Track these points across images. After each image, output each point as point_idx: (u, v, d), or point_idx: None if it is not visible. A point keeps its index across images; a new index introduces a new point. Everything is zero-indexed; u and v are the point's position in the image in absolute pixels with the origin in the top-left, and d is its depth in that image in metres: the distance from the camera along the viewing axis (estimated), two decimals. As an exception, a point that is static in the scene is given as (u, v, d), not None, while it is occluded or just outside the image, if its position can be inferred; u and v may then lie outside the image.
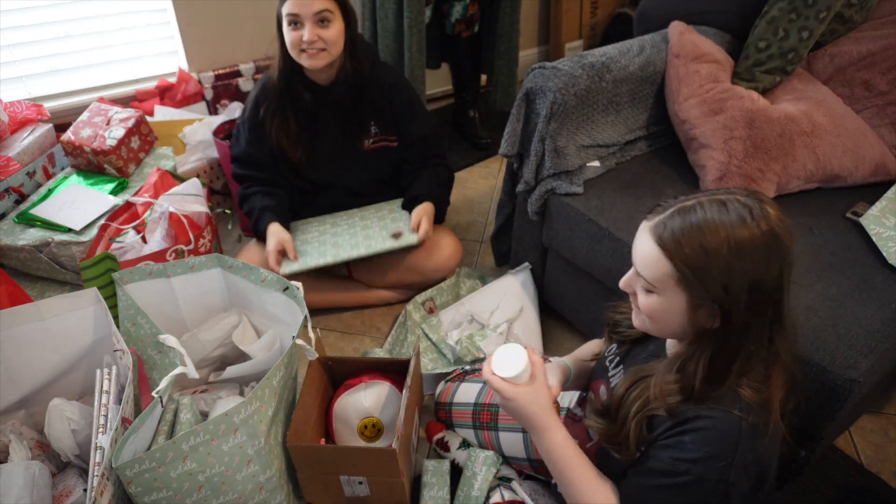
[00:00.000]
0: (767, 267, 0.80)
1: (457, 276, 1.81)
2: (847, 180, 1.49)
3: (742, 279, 0.79)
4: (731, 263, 0.79)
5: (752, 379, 0.84)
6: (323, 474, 1.23)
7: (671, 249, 0.82)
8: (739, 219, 0.80)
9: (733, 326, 0.82)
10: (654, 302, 0.87)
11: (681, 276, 0.82)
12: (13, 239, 1.68)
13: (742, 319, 0.81)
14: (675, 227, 0.82)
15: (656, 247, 0.84)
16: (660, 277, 0.84)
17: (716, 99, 1.50)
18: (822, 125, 1.48)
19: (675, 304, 0.85)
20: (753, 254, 0.79)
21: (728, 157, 1.44)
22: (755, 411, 0.82)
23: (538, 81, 1.48)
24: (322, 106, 1.65)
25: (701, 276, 0.81)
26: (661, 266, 0.83)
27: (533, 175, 1.54)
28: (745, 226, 0.79)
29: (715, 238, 0.80)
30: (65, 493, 1.18)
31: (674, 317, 0.86)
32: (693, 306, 0.83)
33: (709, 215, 0.81)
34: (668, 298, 0.85)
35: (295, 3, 1.48)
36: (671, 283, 0.83)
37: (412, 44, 2.12)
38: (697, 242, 0.80)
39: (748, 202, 0.82)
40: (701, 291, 0.81)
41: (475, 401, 1.32)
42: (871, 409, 1.50)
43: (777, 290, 0.81)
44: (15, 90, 2.01)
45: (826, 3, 1.50)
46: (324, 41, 1.51)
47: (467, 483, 1.24)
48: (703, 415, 0.83)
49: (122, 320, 1.30)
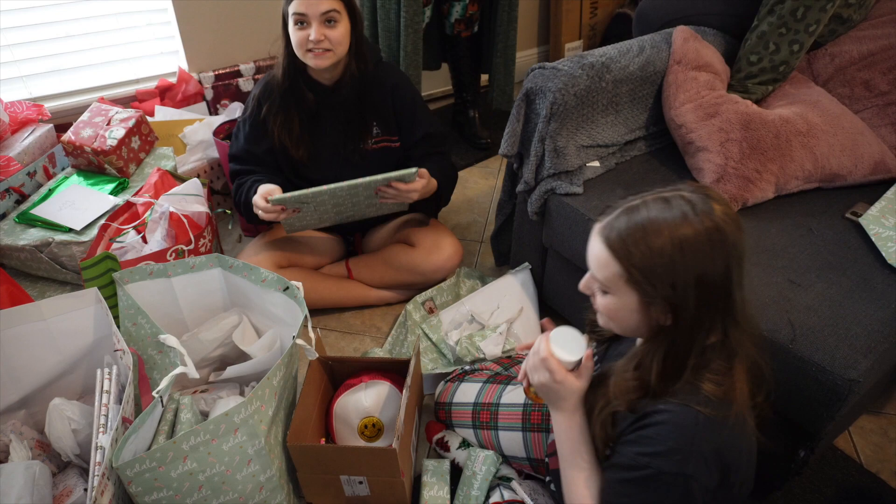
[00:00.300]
0: (713, 262, 0.81)
1: (457, 276, 1.81)
2: (847, 179, 1.49)
3: (687, 276, 0.81)
4: (675, 261, 0.81)
5: (713, 372, 0.85)
6: (323, 474, 1.23)
7: (618, 250, 0.84)
8: (682, 216, 0.81)
9: (684, 322, 0.83)
10: (609, 302, 0.89)
11: (629, 276, 0.84)
12: (14, 239, 1.68)
13: (692, 315, 0.83)
14: (621, 228, 0.84)
15: (605, 248, 0.86)
16: (611, 278, 0.86)
17: (711, 103, 1.50)
18: (818, 125, 1.48)
19: (628, 304, 0.86)
20: (697, 250, 0.80)
21: (725, 160, 1.45)
22: (715, 404, 0.83)
23: (538, 82, 1.48)
24: (325, 106, 1.65)
25: (647, 274, 0.82)
26: (611, 267, 0.85)
27: (533, 175, 1.54)
28: (687, 223, 0.81)
29: (658, 237, 0.81)
30: (65, 493, 1.19)
31: (629, 315, 0.87)
32: (645, 304, 0.85)
33: (652, 214, 0.83)
34: (621, 298, 0.87)
35: (302, 2, 1.48)
36: (622, 283, 0.85)
37: (408, 44, 2.12)
38: (642, 242, 0.82)
39: (692, 198, 0.83)
40: (649, 290, 0.83)
41: (475, 400, 1.32)
42: (871, 409, 1.50)
43: (725, 284, 0.82)
44: (16, 90, 2.01)
45: (815, 17, 1.51)
46: (330, 41, 1.51)
47: (467, 482, 1.24)
48: (660, 409, 0.85)
49: (122, 320, 1.31)
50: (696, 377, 0.85)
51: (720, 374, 0.85)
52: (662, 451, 0.83)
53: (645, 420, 0.86)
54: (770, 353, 1.13)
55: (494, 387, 1.32)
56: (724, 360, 0.86)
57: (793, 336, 1.13)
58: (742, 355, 0.87)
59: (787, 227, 1.39)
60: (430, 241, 1.76)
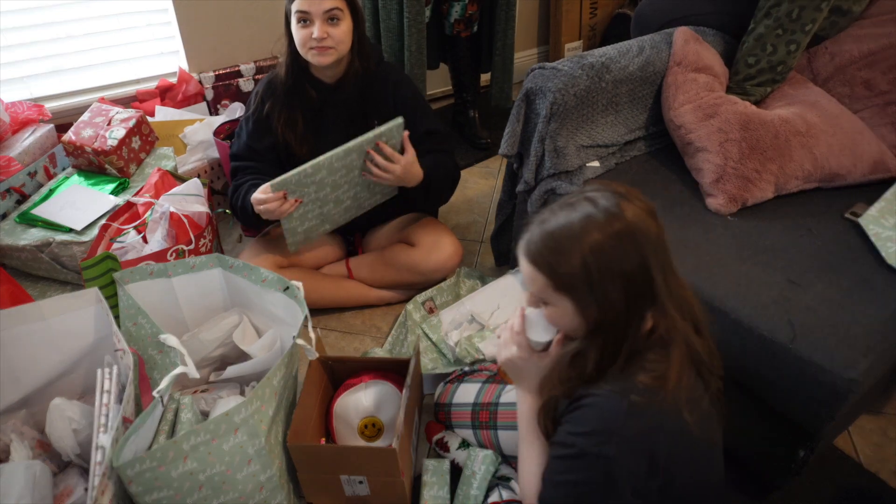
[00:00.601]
0: (626, 258, 0.84)
1: (457, 276, 1.81)
2: (846, 178, 1.49)
3: (603, 275, 0.84)
4: (588, 263, 0.83)
5: (649, 362, 0.87)
6: (323, 474, 1.24)
7: (538, 262, 0.88)
8: (587, 217, 0.85)
9: (612, 317, 0.86)
10: (550, 312, 0.92)
11: (555, 284, 0.87)
12: (14, 239, 1.68)
13: (618, 309, 0.85)
14: (536, 241, 0.88)
15: (528, 263, 0.89)
16: (541, 289, 0.89)
17: (709, 104, 1.51)
18: (817, 125, 1.48)
19: (565, 310, 0.89)
20: (607, 249, 0.83)
21: (724, 160, 1.45)
22: (645, 392, 0.84)
23: (538, 82, 1.48)
24: (328, 104, 1.66)
25: (568, 280, 0.86)
26: (538, 279, 0.89)
27: (533, 175, 1.54)
28: (593, 224, 0.84)
29: (568, 242, 0.85)
30: (66, 493, 1.19)
31: (570, 320, 0.90)
32: (580, 308, 0.87)
33: (560, 221, 0.87)
34: (557, 306, 0.90)
35: (305, 0, 1.49)
36: (551, 292, 0.88)
37: (412, 43, 2.13)
38: (555, 250, 0.86)
39: (597, 197, 0.86)
40: (575, 294, 0.86)
41: (474, 400, 1.32)
42: (871, 409, 1.50)
43: (645, 277, 0.85)
44: (16, 90, 2.02)
45: (811, 16, 1.52)
46: (332, 39, 1.52)
47: (466, 482, 1.24)
48: (590, 392, 0.87)
49: (122, 320, 1.31)
50: (630, 367, 0.87)
51: (655, 362, 0.87)
52: (587, 431, 0.86)
53: (578, 402, 0.89)
54: (770, 353, 1.14)
55: (493, 386, 1.32)
56: (659, 350, 0.88)
57: (792, 336, 1.13)
58: (678, 342, 0.88)
59: (787, 227, 1.39)
60: (431, 241, 1.76)
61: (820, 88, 1.61)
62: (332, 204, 1.61)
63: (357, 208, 1.68)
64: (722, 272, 1.27)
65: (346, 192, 1.60)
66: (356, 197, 1.64)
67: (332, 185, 1.55)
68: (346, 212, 1.66)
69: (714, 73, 1.58)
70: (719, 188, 1.44)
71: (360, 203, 1.67)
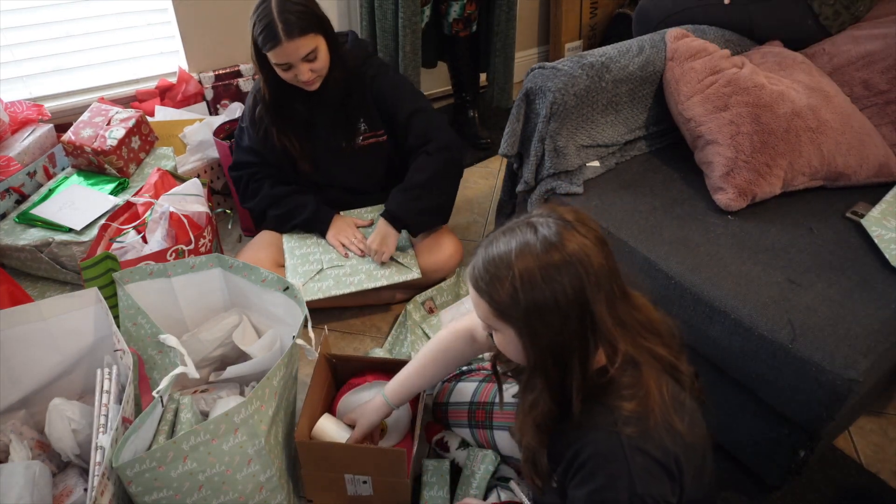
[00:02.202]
0: (559, 291, 0.80)
1: (457, 275, 1.81)
2: (851, 178, 1.49)
3: (533, 306, 0.80)
4: (517, 291, 0.80)
5: (625, 387, 0.85)
6: (328, 472, 1.23)
7: (480, 288, 0.85)
8: (524, 246, 0.82)
9: (549, 350, 0.83)
10: (498, 338, 0.89)
11: (496, 311, 0.84)
12: (14, 239, 1.68)
13: (554, 343, 0.82)
14: (478, 266, 0.86)
15: (472, 288, 0.87)
16: (485, 315, 0.87)
17: (719, 95, 1.49)
18: (829, 122, 1.48)
19: (508, 336, 0.86)
20: (538, 281, 0.80)
21: (735, 153, 1.44)
22: (634, 419, 0.83)
23: (538, 81, 1.48)
24: (315, 109, 1.66)
25: (504, 308, 0.83)
26: (481, 305, 0.86)
27: (533, 175, 1.54)
28: (528, 252, 0.81)
29: (503, 269, 0.82)
30: (65, 493, 1.19)
31: (515, 346, 0.87)
32: (520, 337, 0.84)
33: (500, 248, 0.83)
34: (502, 333, 0.87)
35: (280, 54, 1.47)
36: (494, 318, 0.86)
37: (406, 44, 2.12)
38: (493, 277, 0.83)
39: (539, 223, 0.83)
40: (513, 323, 0.83)
41: (470, 399, 1.32)
42: (871, 409, 1.50)
43: (583, 310, 0.81)
44: (16, 90, 2.01)
45: None
46: (316, 71, 1.54)
47: (465, 482, 1.24)
48: (585, 441, 0.84)
49: (122, 320, 1.31)
50: (608, 398, 0.85)
51: (631, 387, 0.85)
52: (606, 482, 0.82)
53: (577, 458, 0.85)
54: (770, 353, 1.14)
55: (490, 386, 1.32)
56: (630, 371, 0.86)
57: (793, 336, 1.13)
58: (645, 360, 0.86)
59: (788, 226, 1.39)
60: (431, 241, 1.76)
61: (836, 85, 1.58)
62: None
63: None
64: (722, 272, 1.27)
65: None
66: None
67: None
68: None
69: (709, 52, 1.56)
70: (729, 182, 1.43)
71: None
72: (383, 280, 1.64)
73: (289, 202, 1.72)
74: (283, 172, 1.74)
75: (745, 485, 1.32)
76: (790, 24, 1.68)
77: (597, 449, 0.84)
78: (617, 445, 0.82)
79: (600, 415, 0.85)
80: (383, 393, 1.24)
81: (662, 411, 0.84)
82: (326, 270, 1.67)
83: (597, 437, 0.84)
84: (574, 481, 0.87)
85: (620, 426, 0.82)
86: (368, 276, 1.66)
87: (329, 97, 1.64)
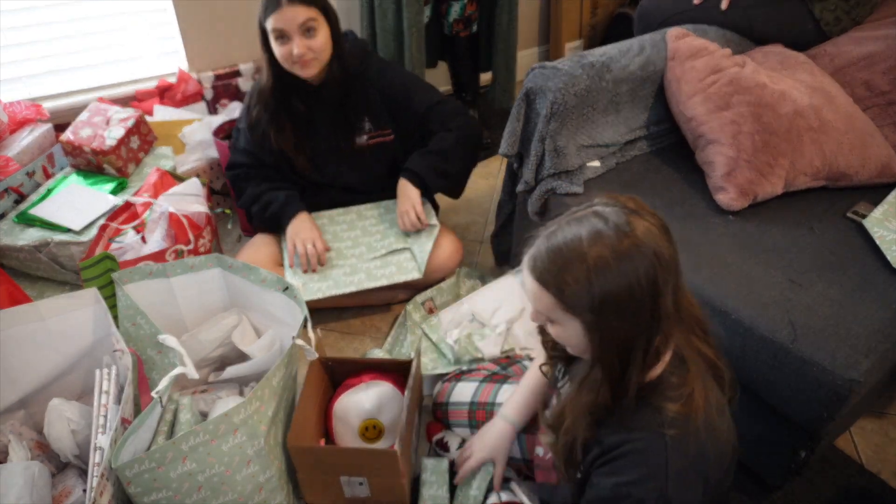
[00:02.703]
0: (637, 280, 0.78)
1: (457, 276, 1.81)
2: (853, 179, 1.49)
3: (608, 293, 0.78)
4: (594, 284, 0.78)
5: (671, 388, 0.84)
6: (323, 475, 1.23)
7: (545, 280, 0.82)
8: (595, 234, 0.79)
9: (615, 342, 0.81)
10: (558, 331, 0.87)
11: (562, 304, 0.82)
12: (12, 239, 1.68)
13: (623, 334, 0.81)
14: (542, 257, 0.83)
15: (534, 281, 0.84)
16: (549, 308, 0.84)
17: (721, 94, 1.49)
18: (831, 122, 1.47)
19: (573, 329, 0.84)
20: (616, 269, 0.78)
21: (737, 152, 1.43)
22: (679, 422, 0.82)
23: (538, 81, 1.48)
24: (315, 107, 1.66)
25: (575, 300, 0.80)
26: (545, 298, 0.83)
27: (533, 175, 1.54)
28: (600, 241, 0.79)
29: (575, 259, 0.79)
30: (64, 494, 1.18)
31: (579, 340, 0.85)
32: (587, 329, 0.83)
33: (567, 237, 0.81)
34: (565, 325, 0.85)
35: (278, 18, 1.48)
36: (559, 312, 0.83)
37: (412, 43, 2.12)
38: (562, 268, 0.80)
39: (606, 213, 0.81)
40: (582, 314, 0.81)
41: (471, 400, 1.32)
42: (872, 410, 1.50)
43: (653, 294, 0.79)
44: (14, 90, 2.01)
45: None
46: (313, 50, 1.53)
47: (466, 483, 1.24)
48: (630, 438, 0.83)
49: (121, 320, 1.30)
50: (654, 396, 0.84)
51: (677, 387, 0.84)
52: (637, 478, 0.82)
53: (616, 450, 0.84)
54: (771, 353, 1.14)
55: (490, 386, 1.32)
56: (676, 370, 0.85)
57: (793, 336, 1.13)
58: (692, 359, 0.86)
59: (788, 226, 1.39)
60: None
61: (838, 84, 1.58)
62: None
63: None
64: (723, 272, 1.27)
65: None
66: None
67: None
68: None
69: (710, 52, 1.56)
70: (731, 181, 1.43)
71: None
72: (383, 280, 1.64)
73: (265, 197, 1.71)
74: (279, 173, 1.74)
75: (746, 485, 1.32)
76: (790, 28, 1.68)
77: (639, 447, 0.83)
78: (661, 447, 0.81)
79: (647, 415, 0.84)
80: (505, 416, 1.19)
81: (706, 415, 0.83)
82: (326, 270, 1.67)
83: (642, 437, 0.83)
84: (604, 469, 0.86)
85: (666, 428, 0.82)
86: (368, 275, 1.66)
87: (328, 96, 1.64)
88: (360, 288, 1.63)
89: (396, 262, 1.68)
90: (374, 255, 1.70)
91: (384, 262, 1.68)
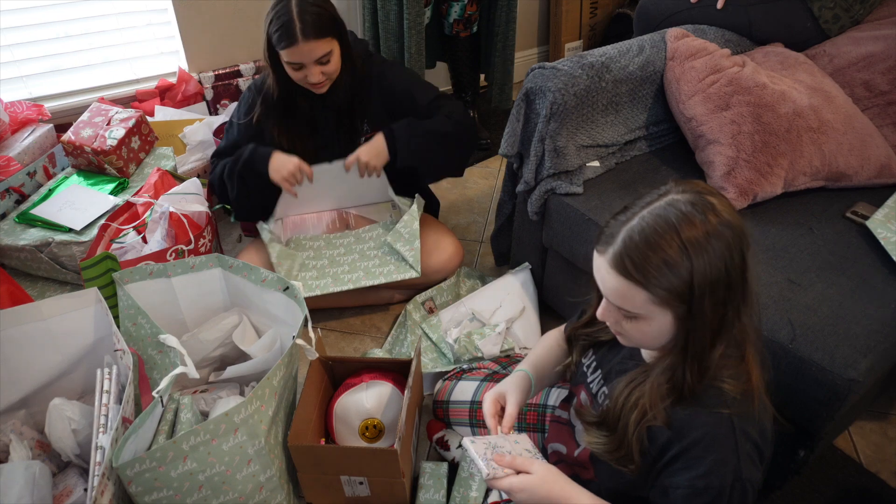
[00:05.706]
0: (730, 256, 0.78)
1: (457, 276, 1.81)
2: (852, 179, 1.49)
3: (707, 276, 0.77)
4: (694, 267, 0.77)
5: (730, 367, 0.84)
6: (323, 474, 1.23)
7: (635, 276, 0.80)
8: (684, 218, 0.78)
9: (709, 322, 0.81)
10: (642, 327, 0.85)
11: (657, 298, 0.80)
12: (14, 239, 1.68)
13: (717, 313, 0.80)
14: (629, 253, 0.80)
15: (622, 279, 0.81)
16: (639, 305, 0.82)
17: (721, 94, 1.49)
18: (830, 122, 1.47)
19: (663, 323, 0.83)
20: (711, 249, 0.77)
21: (736, 152, 1.44)
22: (739, 401, 0.83)
23: (538, 81, 1.48)
24: (318, 110, 1.66)
25: (669, 287, 0.79)
26: (636, 295, 0.81)
27: (533, 175, 1.54)
28: (693, 224, 0.77)
29: (668, 248, 0.78)
30: (65, 493, 1.19)
31: (664, 334, 0.84)
32: (678, 319, 0.82)
33: (656, 226, 0.79)
34: (655, 321, 0.83)
35: (293, 53, 1.46)
36: (652, 307, 0.81)
37: (411, 44, 2.13)
38: (654, 259, 0.78)
39: (686, 198, 0.80)
40: (677, 305, 0.80)
41: (472, 398, 1.32)
42: (871, 409, 1.50)
43: (742, 269, 0.80)
44: (16, 90, 2.01)
45: None
46: (327, 74, 1.53)
47: (464, 484, 1.24)
48: (695, 424, 0.83)
49: (122, 320, 1.31)
50: (716, 377, 0.84)
51: (736, 367, 0.84)
52: (711, 468, 0.81)
53: (683, 441, 0.83)
54: (770, 353, 1.14)
55: (491, 385, 1.32)
56: (735, 352, 0.85)
57: (792, 336, 1.13)
58: (750, 340, 0.85)
59: (788, 226, 1.39)
60: (431, 242, 1.76)
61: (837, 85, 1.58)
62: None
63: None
64: (722, 272, 1.27)
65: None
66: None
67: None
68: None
69: (710, 52, 1.56)
70: (730, 181, 1.43)
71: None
72: (381, 278, 1.64)
73: (232, 158, 1.63)
74: None
75: (745, 485, 1.32)
76: (789, 27, 1.68)
77: (708, 431, 0.82)
78: (729, 429, 0.81)
79: (708, 396, 0.83)
80: (523, 369, 1.12)
81: (761, 394, 0.83)
82: (325, 269, 1.67)
83: (707, 421, 0.82)
84: (675, 466, 0.84)
85: (729, 407, 0.81)
86: (367, 273, 1.66)
87: (335, 100, 1.64)
88: (357, 286, 1.63)
89: (395, 260, 1.68)
90: (372, 255, 1.71)
91: (383, 261, 1.68)
